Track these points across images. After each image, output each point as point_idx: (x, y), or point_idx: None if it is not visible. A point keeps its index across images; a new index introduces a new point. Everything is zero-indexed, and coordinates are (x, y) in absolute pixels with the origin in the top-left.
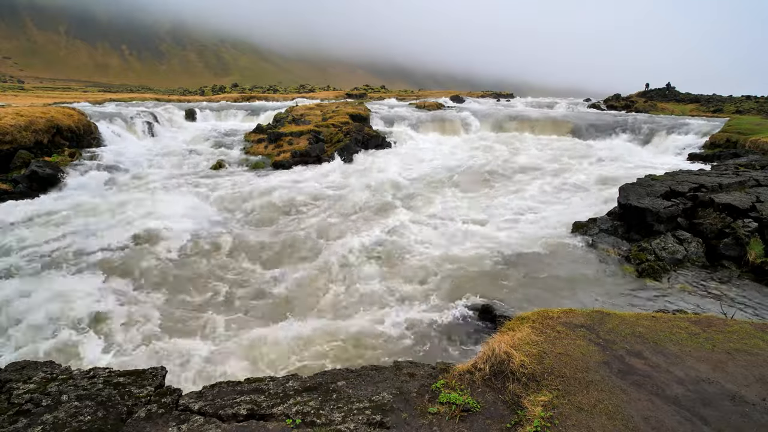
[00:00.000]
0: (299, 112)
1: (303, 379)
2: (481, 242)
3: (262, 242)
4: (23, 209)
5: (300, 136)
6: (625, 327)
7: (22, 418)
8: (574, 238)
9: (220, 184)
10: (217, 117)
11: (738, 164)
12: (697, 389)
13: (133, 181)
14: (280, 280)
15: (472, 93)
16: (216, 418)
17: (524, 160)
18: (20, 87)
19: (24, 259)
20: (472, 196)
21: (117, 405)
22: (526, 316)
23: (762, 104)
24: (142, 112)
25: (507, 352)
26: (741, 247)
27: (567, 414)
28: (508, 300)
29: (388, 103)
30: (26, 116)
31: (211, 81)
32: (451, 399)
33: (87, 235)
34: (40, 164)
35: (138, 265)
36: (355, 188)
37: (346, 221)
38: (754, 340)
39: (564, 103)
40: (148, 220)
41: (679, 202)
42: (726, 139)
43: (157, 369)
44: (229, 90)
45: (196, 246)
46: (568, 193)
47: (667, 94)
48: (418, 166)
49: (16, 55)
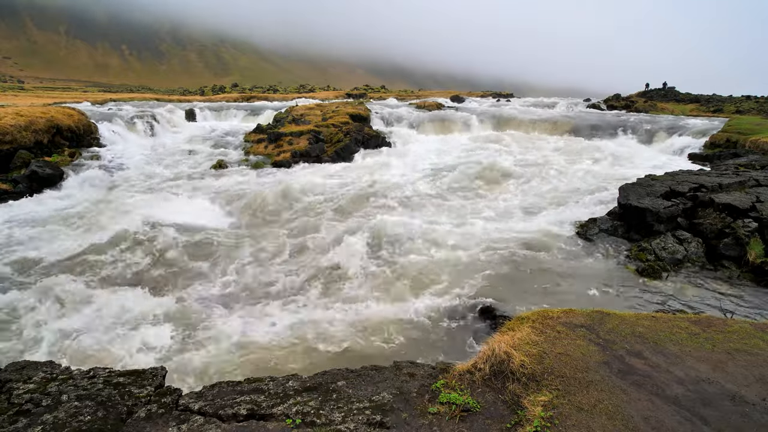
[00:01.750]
0: (299, 112)
1: (303, 379)
2: (481, 242)
3: (261, 242)
4: (23, 209)
5: (300, 136)
6: (625, 327)
7: (22, 418)
8: (574, 238)
9: (220, 184)
10: (217, 117)
11: (738, 164)
12: (697, 389)
13: (133, 181)
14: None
15: (472, 93)
16: (216, 418)
17: (522, 159)
18: (20, 87)
19: (26, 259)
20: (472, 196)
21: (117, 405)
22: (526, 316)
23: (762, 104)
24: (142, 112)
25: (507, 352)
26: (741, 247)
27: (567, 414)
28: (508, 300)
29: (388, 103)
30: (26, 116)
31: (211, 81)
32: (451, 399)
33: (87, 235)
34: (40, 164)
35: (139, 265)
36: (355, 188)
37: (346, 221)
38: (754, 340)
39: (564, 103)
40: (148, 219)
41: (679, 202)
42: (726, 139)
43: (157, 369)
44: (229, 90)
45: (197, 245)
46: (567, 193)
47: (666, 93)
48: (418, 166)
49: (16, 55)
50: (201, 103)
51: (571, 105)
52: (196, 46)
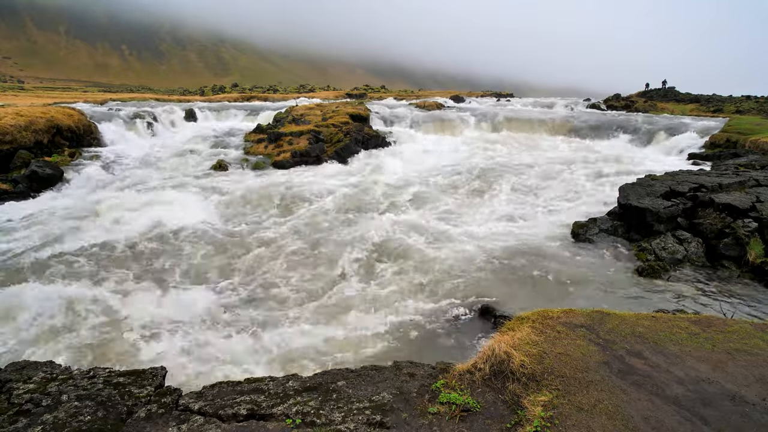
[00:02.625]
0: (299, 112)
1: (303, 379)
2: (481, 242)
3: (261, 240)
4: (23, 209)
5: (300, 136)
6: (625, 327)
7: (22, 418)
8: (573, 238)
9: (220, 184)
10: (217, 117)
11: (738, 164)
12: (697, 389)
13: (133, 181)
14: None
15: (472, 93)
16: (216, 418)
17: (523, 159)
18: (20, 87)
19: (25, 259)
20: (472, 196)
21: (117, 405)
22: (526, 316)
23: (762, 104)
24: (142, 112)
25: (507, 352)
26: (741, 247)
27: (567, 414)
28: (508, 300)
29: (387, 103)
30: (26, 116)
31: (211, 81)
32: (451, 399)
33: (87, 235)
34: (40, 164)
35: (139, 265)
36: (355, 188)
37: (346, 221)
38: (754, 340)
39: (564, 103)
40: (148, 219)
41: (679, 202)
42: (726, 139)
43: (156, 369)
44: (229, 90)
45: (195, 244)
46: (567, 193)
47: (666, 93)
48: (418, 166)
49: (16, 55)
50: (201, 103)
51: (571, 105)
52: (196, 46)
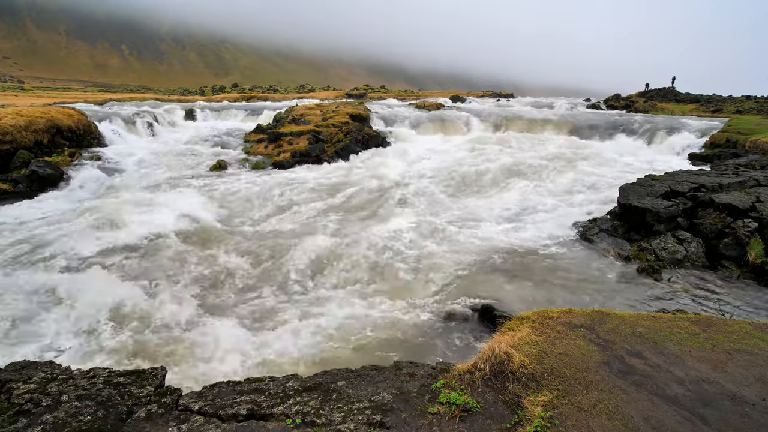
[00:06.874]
0: (299, 112)
1: (303, 379)
2: (481, 242)
3: (260, 241)
4: (22, 209)
5: (300, 136)
6: (625, 327)
7: (22, 418)
8: (574, 238)
9: (220, 184)
10: (217, 117)
11: (738, 164)
12: (697, 389)
13: (133, 181)
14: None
15: (472, 93)
16: (216, 418)
17: (523, 159)
18: (20, 87)
19: (27, 258)
20: (472, 196)
21: (117, 405)
22: (526, 316)
23: (762, 104)
24: (142, 112)
25: (507, 352)
26: (741, 247)
27: (567, 414)
28: (508, 300)
29: (387, 103)
30: (26, 116)
31: (211, 81)
32: (451, 399)
33: (87, 235)
34: (40, 164)
35: (139, 265)
36: (355, 187)
37: (347, 221)
38: (754, 340)
39: (564, 103)
40: (148, 219)
41: (679, 202)
42: (726, 139)
43: (156, 369)
44: (229, 90)
45: (195, 244)
46: (568, 193)
47: (666, 94)
48: (418, 166)
49: (16, 55)
50: (201, 103)
51: (571, 105)
52: (196, 46)
